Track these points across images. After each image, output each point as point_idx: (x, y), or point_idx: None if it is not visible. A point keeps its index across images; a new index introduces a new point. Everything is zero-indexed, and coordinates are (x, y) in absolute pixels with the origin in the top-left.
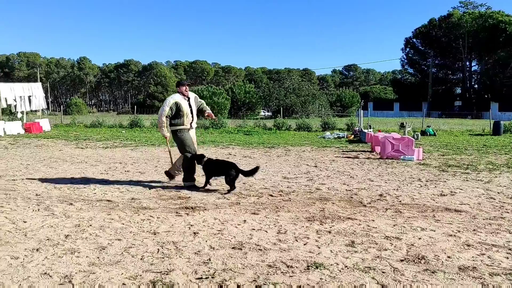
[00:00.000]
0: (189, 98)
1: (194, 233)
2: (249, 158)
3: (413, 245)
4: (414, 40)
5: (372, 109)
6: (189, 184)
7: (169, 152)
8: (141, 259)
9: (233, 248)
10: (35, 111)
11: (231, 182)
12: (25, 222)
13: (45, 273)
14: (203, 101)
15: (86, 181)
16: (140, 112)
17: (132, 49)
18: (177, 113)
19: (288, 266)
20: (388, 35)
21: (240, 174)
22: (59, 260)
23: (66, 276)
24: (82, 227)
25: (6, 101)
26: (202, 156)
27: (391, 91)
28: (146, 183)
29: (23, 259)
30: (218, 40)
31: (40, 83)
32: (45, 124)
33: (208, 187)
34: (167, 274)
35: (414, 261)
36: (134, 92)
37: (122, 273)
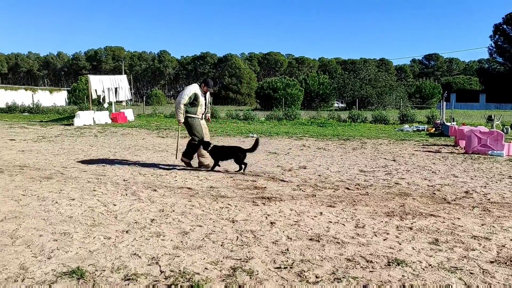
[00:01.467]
0: (205, 94)
1: (271, 223)
2: (323, 150)
3: (504, 246)
4: (505, 26)
5: (455, 100)
6: (187, 160)
7: (178, 138)
8: (221, 245)
9: (310, 239)
10: (121, 102)
11: (240, 162)
12: (115, 205)
13: (135, 253)
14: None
15: (167, 168)
16: (215, 103)
17: (208, 42)
18: (193, 103)
19: (367, 261)
20: (474, 21)
21: (247, 153)
22: (146, 242)
23: (153, 257)
24: (165, 212)
25: (96, 92)
26: (209, 143)
27: (476, 81)
28: (223, 173)
29: (115, 239)
30: (292, 31)
31: (126, 75)
32: (129, 114)
33: (217, 168)
34: (246, 262)
35: (506, 263)
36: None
37: (204, 258)
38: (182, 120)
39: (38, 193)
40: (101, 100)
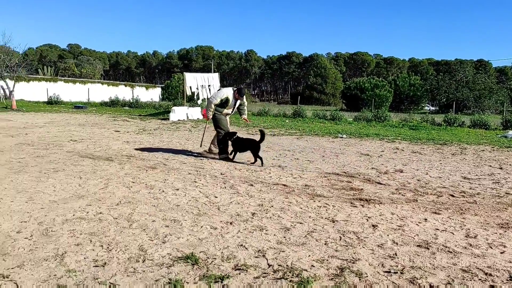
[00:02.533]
0: (236, 100)
1: (373, 225)
2: (418, 154)
3: None
4: None
5: None
6: (224, 156)
7: (204, 130)
8: (325, 244)
9: (418, 246)
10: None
11: (256, 154)
12: (216, 197)
13: (241, 245)
14: (245, 105)
15: (260, 165)
16: (301, 102)
17: (294, 42)
18: (222, 105)
19: (486, 274)
20: None
21: (260, 145)
22: (250, 235)
23: (259, 250)
24: (265, 207)
25: (190, 89)
26: (234, 133)
27: None
28: (315, 171)
29: (220, 230)
30: (380, 30)
31: (217, 73)
32: None
33: (235, 159)
34: (353, 263)
35: None
36: (294, 83)
37: (309, 255)
38: (211, 116)
39: (145, 181)
40: (195, 97)
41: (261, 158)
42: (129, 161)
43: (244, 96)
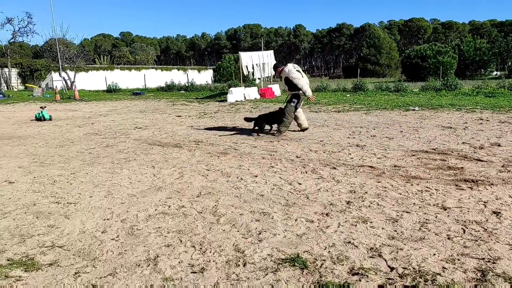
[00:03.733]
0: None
1: (495, 212)
2: (509, 124)
3: None
4: None
5: None
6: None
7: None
8: (448, 238)
9: None
10: (268, 77)
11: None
12: (300, 184)
13: (348, 242)
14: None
15: (336, 145)
16: (353, 76)
17: (344, 13)
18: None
19: None
20: None
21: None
22: (354, 229)
23: (372, 248)
24: (358, 194)
25: (247, 68)
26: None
27: None
28: (399, 150)
29: (318, 223)
30: None
31: (272, 51)
32: (276, 89)
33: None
34: (493, 263)
35: None
36: (346, 56)
37: (434, 254)
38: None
39: (220, 168)
40: (251, 76)
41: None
42: (198, 147)
43: (287, 69)
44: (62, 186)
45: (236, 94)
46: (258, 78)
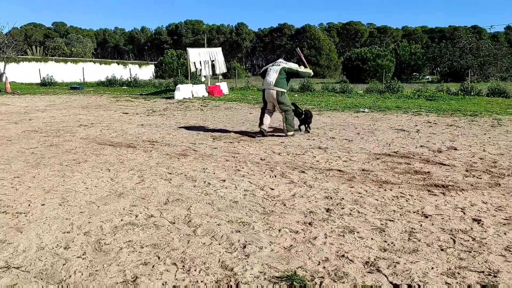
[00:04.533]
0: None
1: (475, 220)
2: (456, 127)
3: None
4: None
5: None
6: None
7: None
8: (441, 250)
9: None
10: (216, 74)
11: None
12: (272, 189)
13: (342, 255)
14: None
15: (298, 147)
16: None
17: (286, 13)
18: (288, 78)
19: None
20: None
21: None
22: (343, 240)
23: (367, 262)
24: (335, 200)
25: (194, 65)
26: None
27: None
28: (362, 152)
29: (304, 234)
30: None
31: (220, 48)
32: (224, 87)
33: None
34: (494, 276)
35: None
36: (287, 56)
37: (433, 268)
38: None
39: (183, 172)
40: (197, 73)
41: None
42: (154, 147)
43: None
44: (7, 192)
45: (183, 91)
46: (204, 76)
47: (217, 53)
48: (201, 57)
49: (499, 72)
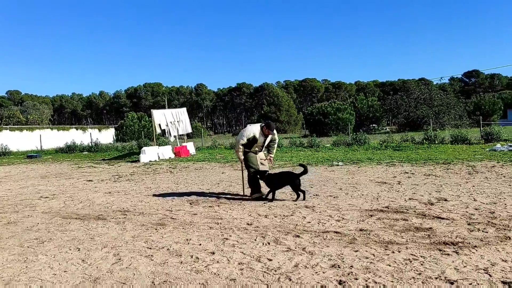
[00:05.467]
0: (266, 137)
1: (505, 283)
2: (435, 177)
3: None
4: None
5: None
6: (257, 196)
7: (242, 172)
8: None
9: None
10: (182, 135)
11: (297, 189)
12: (270, 260)
13: None
14: (276, 143)
15: (283, 207)
16: None
17: (243, 73)
18: (250, 143)
19: None
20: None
21: (299, 178)
22: None
23: None
24: (344, 269)
25: (160, 126)
26: (265, 172)
27: None
28: (353, 210)
29: None
30: (326, 57)
31: (185, 108)
32: (191, 147)
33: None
34: None
35: None
36: (247, 113)
37: None
38: (242, 157)
39: (165, 245)
40: (166, 134)
41: (303, 192)
42: (127, 218)
43: (275, 131)
44: None
45: (149, 153)
46: (174, 136)
47: (181, 113)
48: (166, 118)
49: (453, 120)
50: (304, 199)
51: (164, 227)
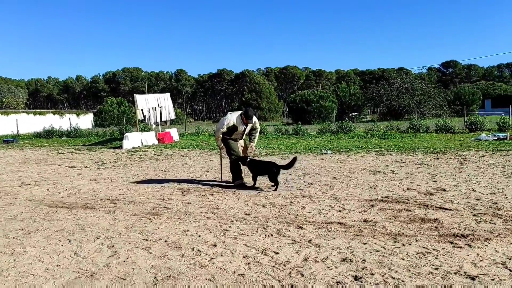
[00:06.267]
0: (246, 125)
1: None
2: (427, 166)
3: None
4: None
5: (491, 106)
6: (239, 182)
7: (221, 160)
8: None
9: None
10: (165, 121)
11: (274, 179)
12: (276, 253)
13: None
14: (257, 131)
15: (280, 196)
16: None
17: (224, 59)
18: (230, 132)
19: None
20: (491, 25)
21: (281, 170)
22: None
23: None
24: (356, 263)
25: (142, 112)
26: (246, 157)
27: (500, 87)
28: (352, 199)
29: None
30: (308, 44)
31: (169, 93)
32: (174, 134)
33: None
34: None
35: None
36: (227, 100)
37: None
38: (221, 145)
39: (162, 236)
40: (146, 120)
41: (276, 184)
42: (117, 207)
43: (255, 119)
44: None
45: (132, 139)
46: (155, 123)
47: (165, 99)
48: (148, 104)
49: (434, 110)
50: (275, 189)
51: (158, 217)
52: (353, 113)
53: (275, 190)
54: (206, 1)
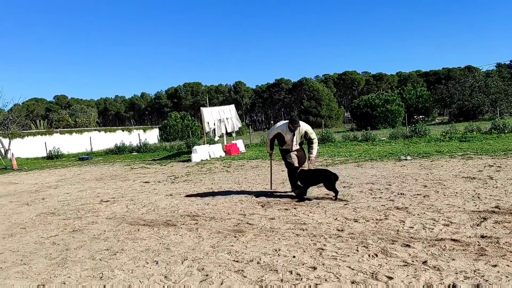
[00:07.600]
0: (293, 132)
1: None
2: None
3: None
4: None
5: None
6: (298, 191)
7: (271, 168)
8: None
9: None
10: (231, 133)
11: (333, 187)
12: (390, 278)
13: None
14: (314, 142)
15: (370, 208)
16: None
17: (281, 69)
18: (280, 141)
19: None
20: None
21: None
22: None
23: None
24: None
25: (208, 124)
26: (297, 168)
27: None
28: (458, 211)
29: None
30: (366, 48)
31: (233, 105)
32: (240, 145)
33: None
34: None
35: None
36: (286, 109)
37: None
38: (270, 151)
39: (252, 257)
40: (212, 133)
41: (336, 192)
42: (198, 223)
43: (302, 124)
44: None
45: (200, 152)
46: (219, 136)
47: (230, 110)
48: (213, 116)
49: (511, 108)
50: (335, 199)
51: (244, 235)
52: (421, 116)
53: (336, 199)
54: (262, 14)
